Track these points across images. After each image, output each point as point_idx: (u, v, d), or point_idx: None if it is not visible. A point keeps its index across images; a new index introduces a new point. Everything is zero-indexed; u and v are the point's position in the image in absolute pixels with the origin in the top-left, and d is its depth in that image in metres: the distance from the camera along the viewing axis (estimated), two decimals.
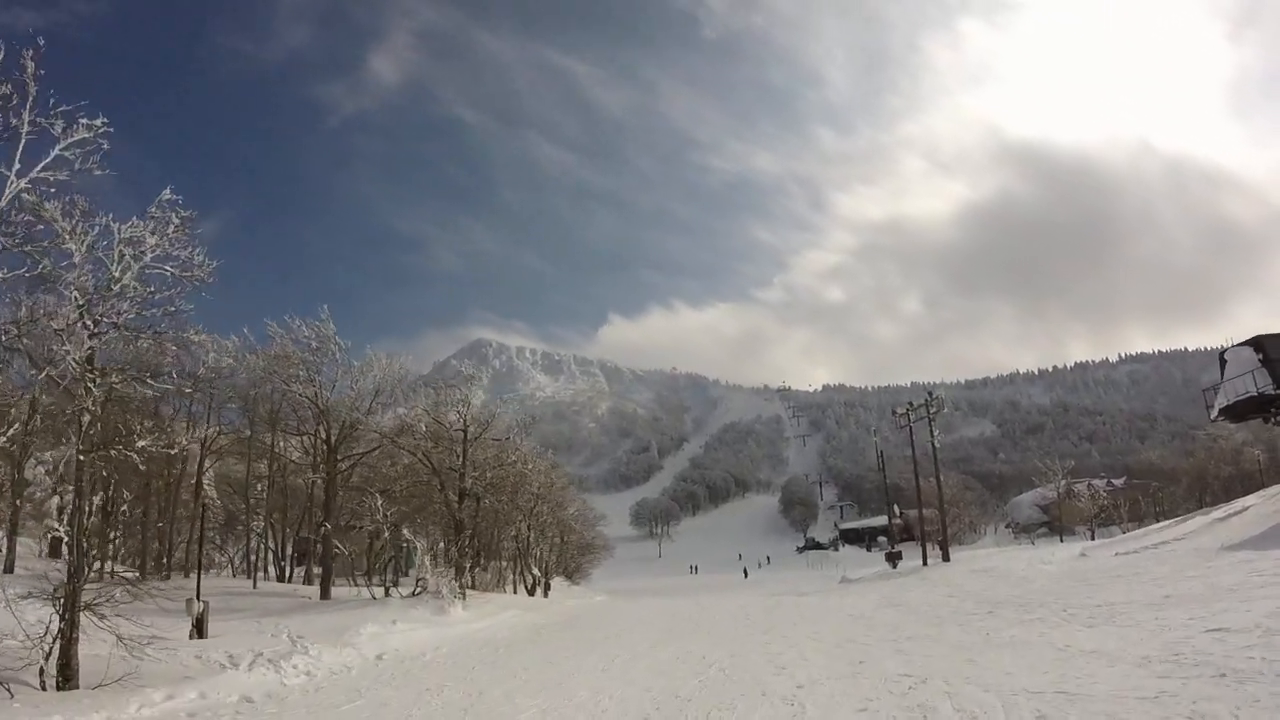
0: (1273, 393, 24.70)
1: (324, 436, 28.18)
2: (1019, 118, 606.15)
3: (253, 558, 35.30)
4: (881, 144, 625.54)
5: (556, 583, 48.57)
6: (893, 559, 42.18)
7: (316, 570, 29.66)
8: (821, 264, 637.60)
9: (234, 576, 34.53)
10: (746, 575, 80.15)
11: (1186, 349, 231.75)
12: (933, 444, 39.50)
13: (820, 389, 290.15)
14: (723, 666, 11.78)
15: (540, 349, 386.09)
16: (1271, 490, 28.83)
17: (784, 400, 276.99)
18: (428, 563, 25.10)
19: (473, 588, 30.63)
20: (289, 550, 36.21)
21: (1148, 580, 16.70)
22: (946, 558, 37.21)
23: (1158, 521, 41.49)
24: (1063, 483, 69.42)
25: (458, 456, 28.86)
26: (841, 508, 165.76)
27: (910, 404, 41.00)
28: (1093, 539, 47.72)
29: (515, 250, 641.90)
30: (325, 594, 24.96)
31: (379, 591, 25.79)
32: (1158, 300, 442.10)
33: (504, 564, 40.64)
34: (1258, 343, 25.46)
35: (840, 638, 14.39)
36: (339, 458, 27.96)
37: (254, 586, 28.87)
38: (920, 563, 38.19)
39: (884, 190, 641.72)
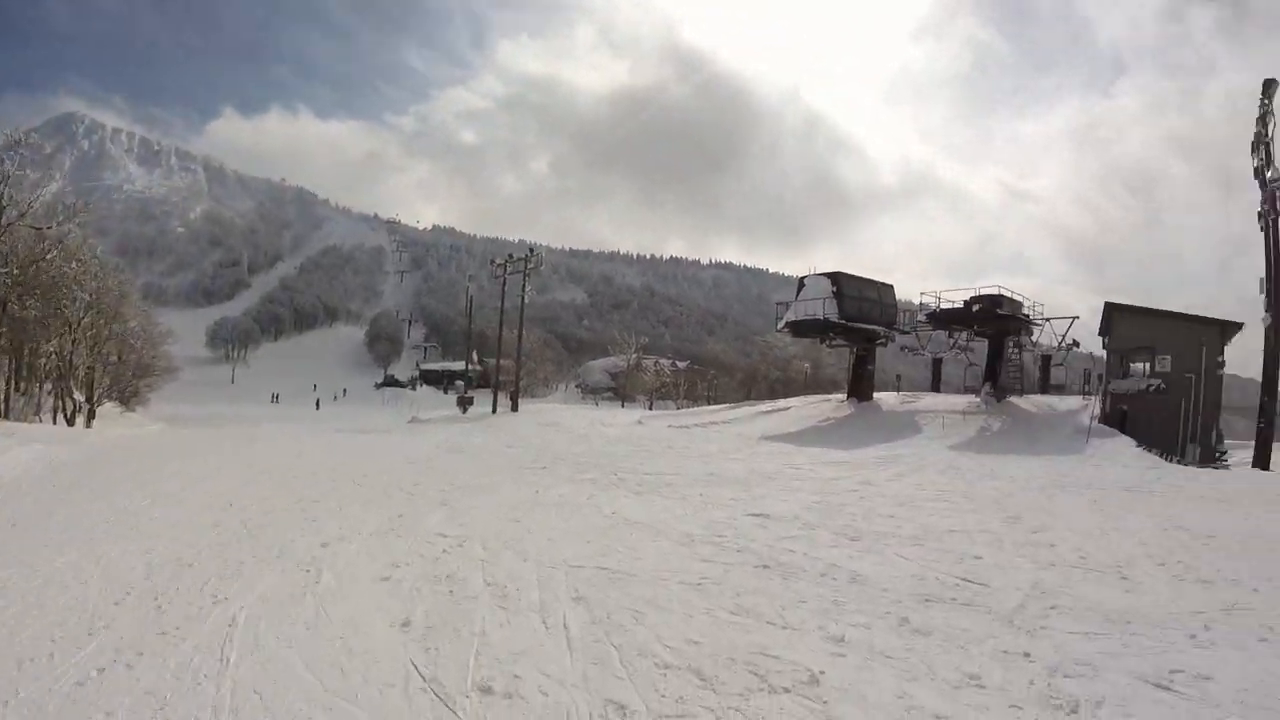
0: (836, 321, 28.56)
1: None
2: (696, 25, 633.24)
3: None
4: (561, 2, 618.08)
5: (106, 409, 41.91)
6: (464, 403, 42.17)
7: None
8: (464, 104, 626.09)
9: None
10: (319, 407, 77.22)
11: (768, 270, 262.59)
12: (522, 298, 39.63)
13: (430, 228, 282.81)
14: (246, 519, 9.76)
15: (139, 134, 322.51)
16: (810, 398, 33.22)
17: (390, 232, 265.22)
18: None
19: (5, 417, 25.19)
20: None
21: (696, 456, 17.52)
22: (515, 408, 37.93)
23: (710, 405, 45.72)
24: (634, 355, 75.05)
25: None
26: (427, 348, 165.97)
27: (510, 256, 40.74)
28: (650, 409, 51.69)
29: (134, 7, 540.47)
30: None
31: None
32: (756, 222, 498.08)
33: (44, 387, 33.92)
34: (836, 277, 29.18)
35: (389, 484, 13.00)
36: None
37: None
38: (490, 410, 38.53)
39: (549, 48, 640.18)
